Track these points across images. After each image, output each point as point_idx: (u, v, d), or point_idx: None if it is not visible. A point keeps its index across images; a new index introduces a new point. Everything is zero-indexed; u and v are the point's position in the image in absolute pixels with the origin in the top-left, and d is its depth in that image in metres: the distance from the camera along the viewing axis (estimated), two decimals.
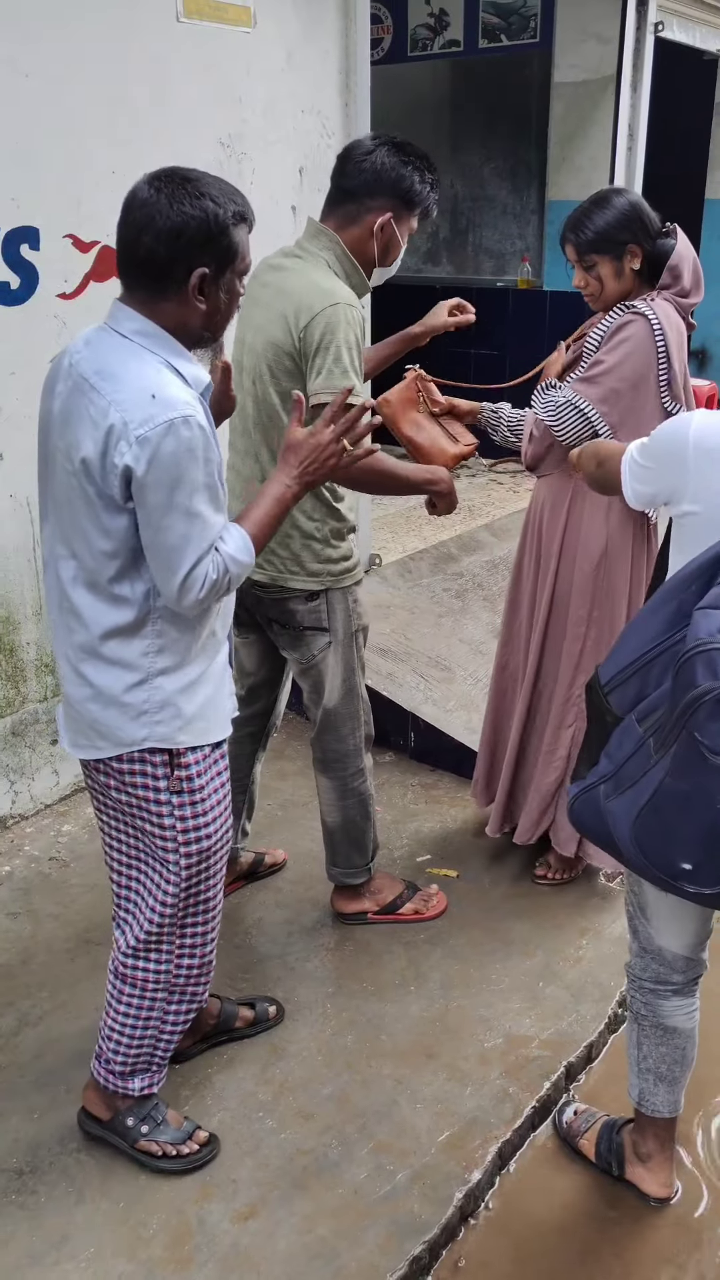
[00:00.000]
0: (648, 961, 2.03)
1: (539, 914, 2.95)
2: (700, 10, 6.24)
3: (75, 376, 1.77)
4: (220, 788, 2.02)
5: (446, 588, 4.65)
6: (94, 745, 1.93)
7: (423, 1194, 2.11)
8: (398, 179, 2.39)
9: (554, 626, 2.90)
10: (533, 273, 6.65)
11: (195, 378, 1.81)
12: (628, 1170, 2.19)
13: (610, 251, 2.60)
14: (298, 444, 1.95)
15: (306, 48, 3.75)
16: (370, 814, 2.80)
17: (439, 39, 6.51)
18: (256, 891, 3.05)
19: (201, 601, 1.81)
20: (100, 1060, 2.15)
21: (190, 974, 2.11)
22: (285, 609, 2.54)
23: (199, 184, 1.74)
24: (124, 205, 1.76)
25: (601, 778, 1.67)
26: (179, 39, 3.29)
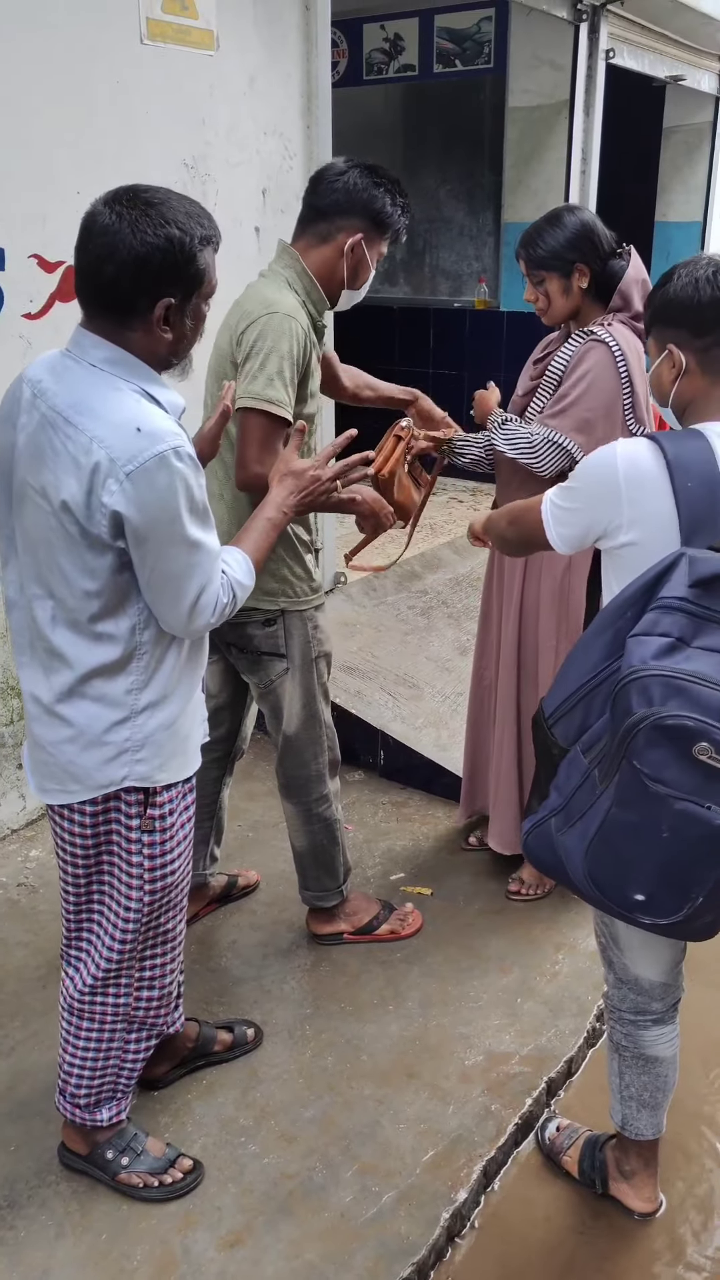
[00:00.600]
0: (625, 992, 2.02)
1: (514, 930, 2.96)
2: (650, 39, 6.38)
3: (44, 410, 1.70)
4: (186, 822, 1.99)
5: (411, 605, 4.66)
6: (65, 789, 1.87)
7: (409, 1215, 2.10)
8: (369, 200, 2.39)
9: (525, 640, 2.93)
10: (489, 294, 6.73)
11: (171, 403, 1.76)
12: (611, 1187, 2.19)
13: (558, 269, 2.64)
14: (298, 473, 1.95)
15: (269, 71, 3.78)
16: (338, 838, 2.77)
17: (394, 63, 6.58)
18: (231, 914, 3.03)
19: (210, 626, 1.81)
20: (64, 1095, 2.11)
21: (150, 1006, 2.07)
22: (242, 633, 2.50)
23: (162, 208, 1.65)
24: (82, 229, 1.68)
25: (552, 811, 1.66)
26: (143, 61, 3.29)
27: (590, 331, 2.66)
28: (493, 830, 3.12)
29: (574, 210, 2.72)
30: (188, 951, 2.83)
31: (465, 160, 6.92)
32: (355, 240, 2.40)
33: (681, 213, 7.95)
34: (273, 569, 2.45)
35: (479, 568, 4.97)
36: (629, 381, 2.65)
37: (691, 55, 7.00)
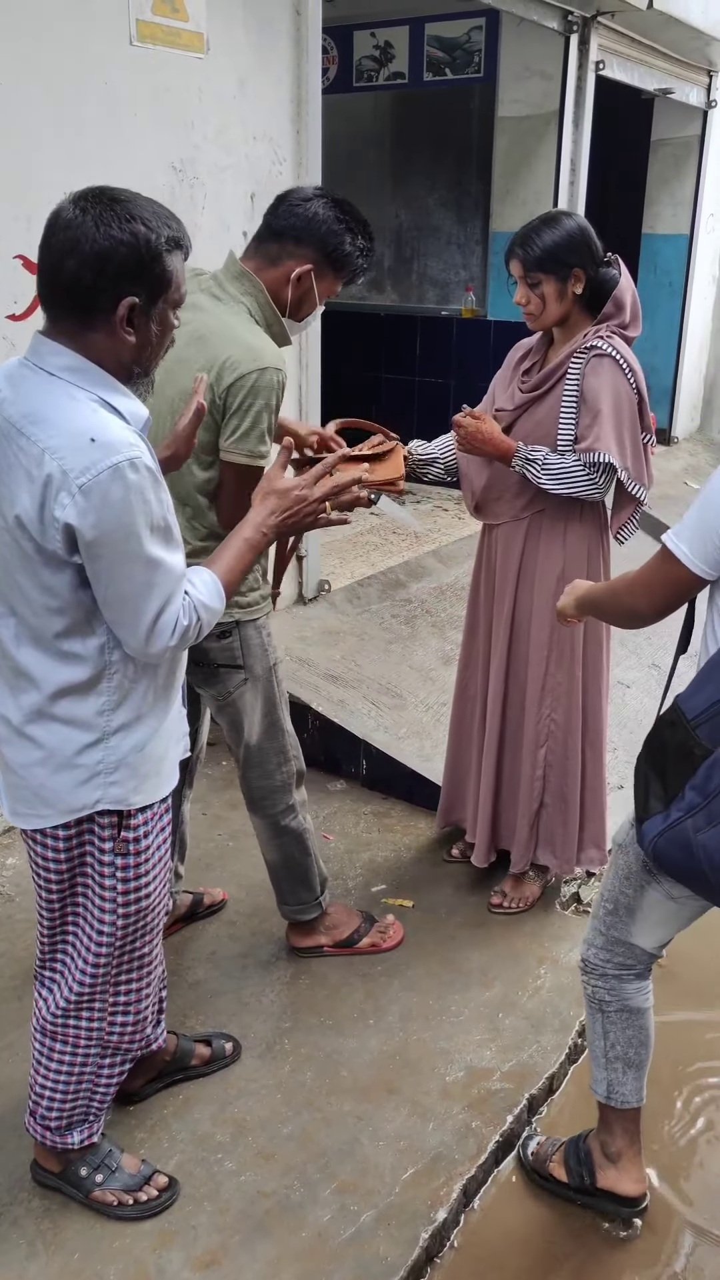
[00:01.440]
0: (615, 952, 2.06)
1: (496, 944, 2.93)
2: (639, 51, 6.40)
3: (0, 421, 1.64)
4: (161, 844, 1.95)
5: (395, 614, 4.64)
6: (37, 813, 1.82)
7: (388, 1234, 2.07)
8: (328, 233, 2.29)
9: (516, 651, 2.91)
10: (477, 302, 6.73)
11: (133, 414, 1.66)
12: (599, 1177, 2.18)
13: (556, 272, 2.62)
14: (282, 491, 1.87)
15: (259, 75, 3.76)
16: (310, 849, 2.72)
17: (384, 71, 6.58)
18: (209, 925, 2.99)
19: (174, 649, 1.71)
20: (35, 1117, 2.07)
21: (124, 1031, 2.03)
22: (198, 646, 2.41)
23: (129, 205, 1.59)
24: (47, 226, 1.60)
25: (690, 811, 1.67)
26: (132, 63, 3.27)
27: (593, 346, 2.64)
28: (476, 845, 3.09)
29: (569, 214, 2.71)
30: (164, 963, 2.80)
31: (454, 169, 6.93)
32: (304, 270, 2.30)
33: (669, 226, 7.98)
34: None
35: (463, 577, 4.95)
36: (638, 392, 2.67)
37: (680, 69, 7.03)
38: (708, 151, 7.80)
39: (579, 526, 2.78)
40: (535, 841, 3.02)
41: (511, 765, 3.01)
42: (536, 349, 2.86)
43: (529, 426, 2.76)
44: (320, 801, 3.63)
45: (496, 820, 3.07)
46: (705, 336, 8.60)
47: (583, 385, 2.65)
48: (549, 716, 2.91)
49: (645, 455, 2.74)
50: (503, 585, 2.88)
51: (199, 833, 3.34)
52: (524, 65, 5.99)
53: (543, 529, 2.80)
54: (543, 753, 2.92)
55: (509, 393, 2.85)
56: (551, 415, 2.72)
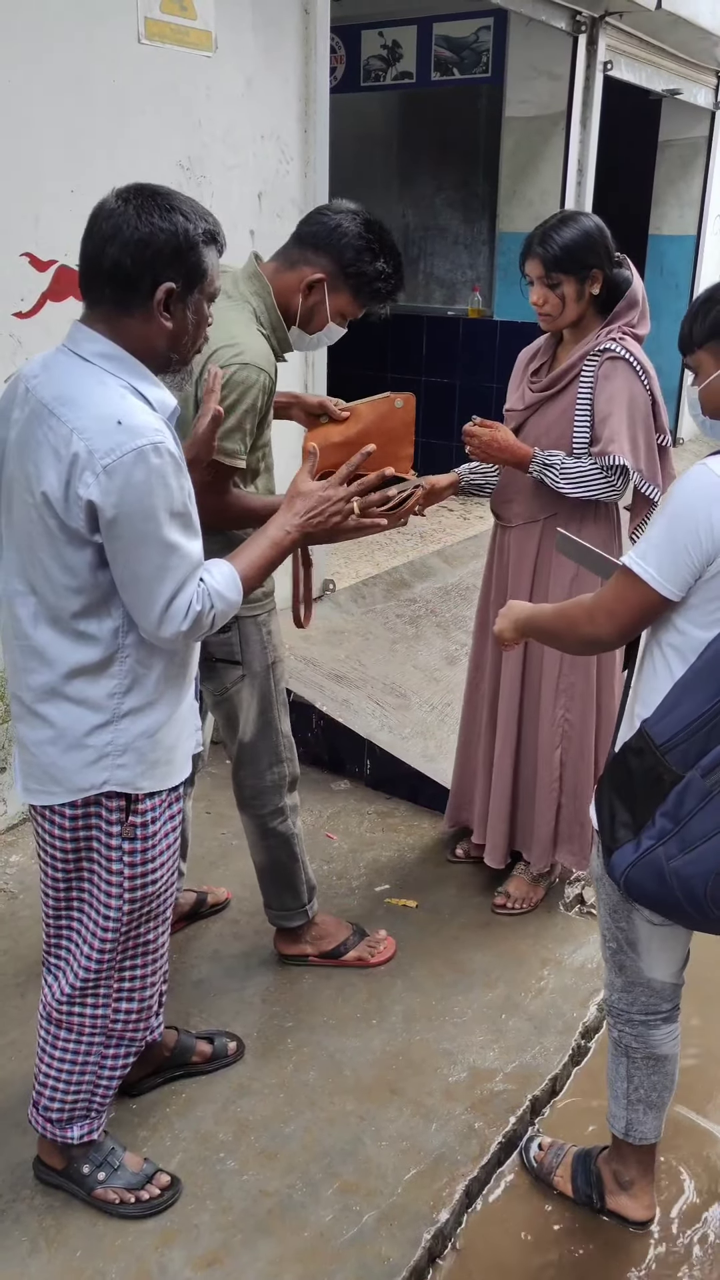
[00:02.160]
0: (636, 995, 2.01)
1: (499, 945, 2.93)
2: (647, 52, 6.40)
3: (33, 402, 1.69)
4: (171, 831, 1.95)
5: (400, 614, 4.64)
6: (47, 790, 1.84)
7: (390, 1235, 2.07)
8: (346, 247, 2.26)
9: (530, 652, 2.91)
10: (483, 302, 6.73)
11: (161, 402, 1.72)
12: (609, 1201, 2.17)
13: (576, 273, 2.61)
14: (307, 493, 1.90)
15: (266, 74, 3.76)
16: (298, 855, 2.69)
17: (391, 70, 6.58)
18: (212, 924, 2.99)
19: (186, 635, 1.73)
20: (37, 1108, 2.07)
21: (129, 1019, 2.03)
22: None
23: (170, 198, 1.69)
24: (90, 217, 1.69)
25: (661, 839, 1.65)
26: (140, 61, 3.27)
27: (607, 349, 2.64)
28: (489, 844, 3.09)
29: (586, 214, 2.70)
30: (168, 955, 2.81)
31: (461, 169, 6.92)
32: (315, 278, 2.27)
33: (675, 226, 7.97)
34: None
35: (468, 577, 4.95)
36: (651, 395, 2.67)
37: (688, 69, 7.03)
38: (715, 152, 7.80)
39: (593, 528, 2.78)
40: (555, 841, 3.01)
41: (527, 766, 3.00)
42: (545, 349, 2.86)
43: (541, 427, 2.76)
44: (324, 801, 3.63)
45: (513, 821, 3.07)
46: None
47: (596, 388, 2.65)
48: (564, 717, 2.91)
49: (662, 456, 2.74)
50: (516, 587, 2.88)
51: (203, 831, 3.34)
52: (532, 65, 5.99)
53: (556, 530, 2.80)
54: (559, 753, 2.92)
55: (519, 393, 2.86)
56: (565, 417, 2.72)
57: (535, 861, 3.04)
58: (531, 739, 2.97)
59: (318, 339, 2.40)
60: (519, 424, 2.81)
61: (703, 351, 1.78)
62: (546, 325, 2.73)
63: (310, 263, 2.29)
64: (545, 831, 2.99)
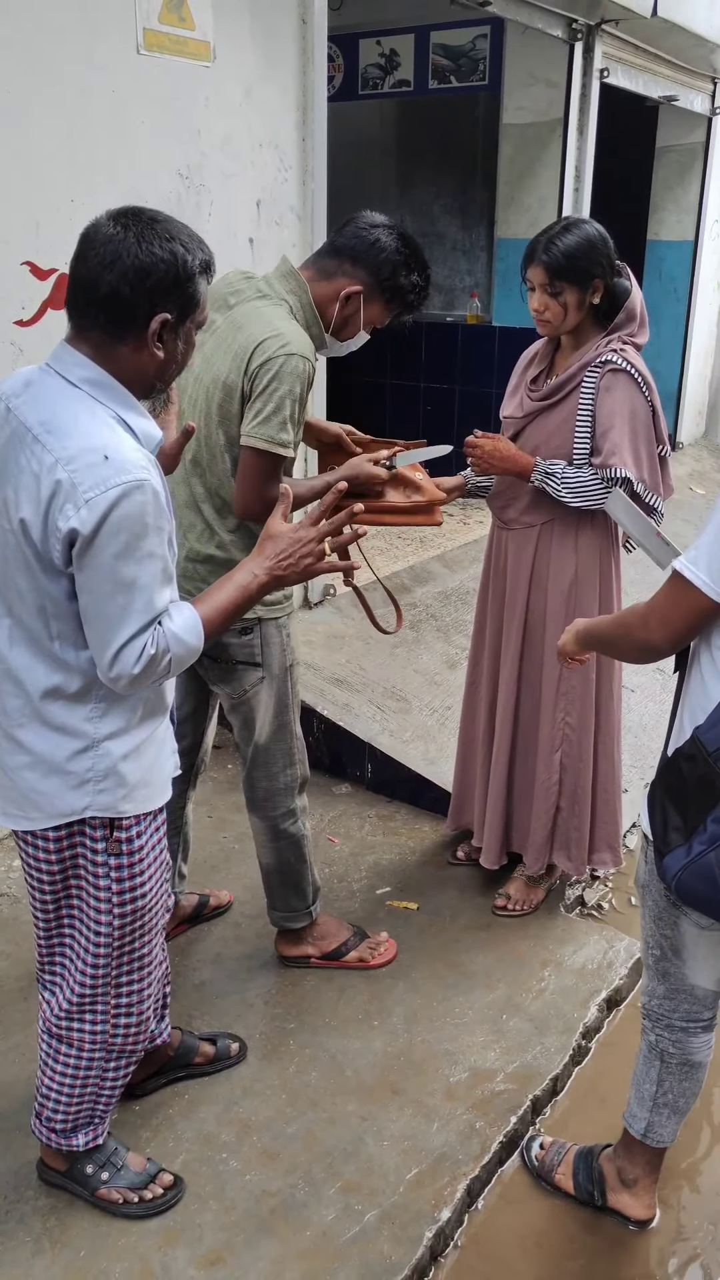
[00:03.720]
0: (679, 1002, 2.02)
1: (500, 946, 2.94)
2: (643, 58, 6.43)
3: (15, 424, 1.66)
4: (158, 844, 1.95)
5: None
6: (27, 816, 1.82)
7: (392, 1234, 2.08)
8: (385, 261, 2.33)
9: (529, 655, 2.92)
10: (482, 309, 6.75)
11: (147, 434, 1.71)
12: (610, 1198, 2.18)
13: (579, 282, 2.62)
14: (278, 535, 1.84)
15: (265, 83, 3.79)
16: (306, 856, 2.72)
17: (389, 78, 6.61)
18: (214, 927, 3.00)
19: (135, 679, 1.67)
20: (40, 1119, 2.08)
21: (128, 1032, 2.03)
22: (218, 643, 2.45)
23: (168, 226, 1.66)
24: (82, 240, 1.66)
25: (712, 844, 1.66)
26: (139, 71, 3.29)
27: (608, 360, 2.66)
28: (485, 845, 3.10)
29: (588, 221, 2.71)
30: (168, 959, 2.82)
31: (459, 176, 6.96)
32: (353, 290, 2.34)
33: (673, 232, 8.00)
34: None
35: (468, 581, 4.97)
36: (652, 406, 2.68)
37: (684, 76, 7.06)
38: (712, 158, 7.82)
39: (590, 532, 2.80)
40: (551, 844, 3.02)
41: (524, 768, 3.02)
42: (543, 356, 2.87)
43: (540, 436, 2.77)
44: (325, 804, 3.65)
45: (509, 823, 3.08)
46: (710, 342, 8.62)
47: (598, 399, 2.66)
48: (563, 720, 2.92)
49: (662, 466, 2.76)
50: (514, 589, 2.90)
51: (204, 835, 3.36)
52: (529, 73, 6.02)
53: (554, 535, 2.82)
54: (558, 756, 2.93)
55: (517, 400, 2.86)
56: (564, 426, 2.73)
57: (531, 863, 3.05)
58: (530, 741, 2.98)
59: (346, 345, 2.47)
60: (517, 431, 2.83)
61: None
62: (545, 331, 2.74)
63: (348, 275, 2.35)
64: (542, 834, 3.00)
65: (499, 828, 3.06)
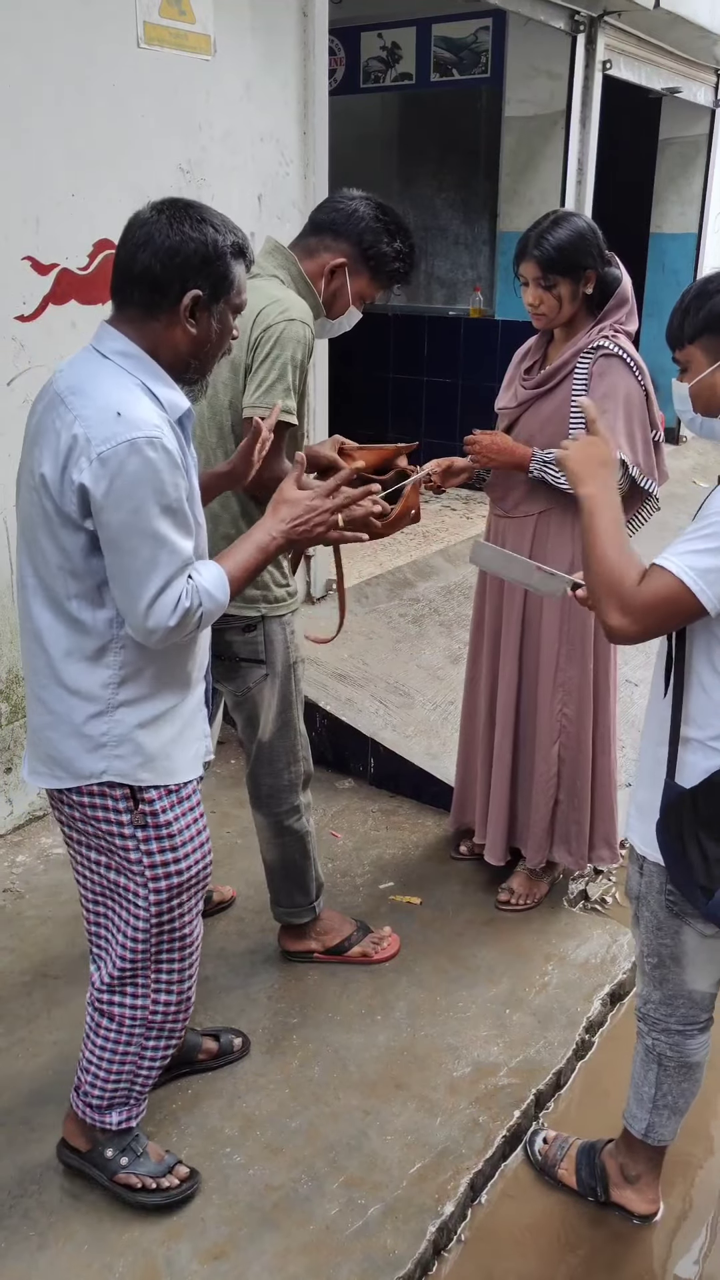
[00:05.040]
0: (676, 1006, 2.01)
1: (503, 941, 2.94)
2: (646, 50, 6.40)
3: (50, 393, 1.75)
4: (195, 821, 1.96)
5: (403, 613, 4.65)
6: (52, 774, 1.88)
7: (395, 1228, 2.08)
8: (365, 230, 2.36)
9: (527, 646, 2.92)
10: (484, 302, 6.74)
11: (172, 403, 1.76)
12: (614, 1193, 2.18)
13: (572, 274, 2.64)
14: (293, 501, 1.91)
15: (265, 77, 3.78)
16: (310, 852, 2.72)
17: (391, 72, 6.60)
18: (217, 921, 3.00)
19: (172, 631, 1.73)
20: (79, 1092, 2.09)
21: (168, 1010, 2.04)
22: (221, 639, 2.45)
23: (202, 210, 1.76)
24: (125, 227, 1.77)
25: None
26: (139, 65, 3.29)
27: (600, 346, 2.67)
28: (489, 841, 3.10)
29: (578, 214, 2.73)
30: None
31: (461, 169, 6.93)
32: (337, 264, 2.36)
33: (676, 224, 7.97)
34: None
35: (471, 576, 4.96)
36: (645, 391, 2.69)
37: (688, 68, 7.03)
38: (715, 150, 7.80)
39: None
40: (551, 838, 3.02)
41: (525, 761, 3.02)
42: (536, 348, 2.89)
43: (535, 423, 2.78)
44: (328, 799, 3.65)
45: (512, 817, 3.08)
46: None
47: (591, 384, 2.67)
48: (561, 712, 2.92)
49: (657, 452, 2.76)
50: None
51: None
52: (531, 65, 6.00)
53: (551, 524, 2.82)
54: (556, 749, 2.93)
55: (511, 391, 2.88)
56: (558, 413, 2.74)
57: (530, 857, 3.05)
58: (530, 734, 2.98)
59: (339, 324, 2.48)
60: (512, 421, 2.84)
61: (694, 346, 1.77)
62: (540, 324, 2.77)
63: (330, 249, 2.37)
64: (541, 828, 3.00)
65: (502, 822, 3.06)
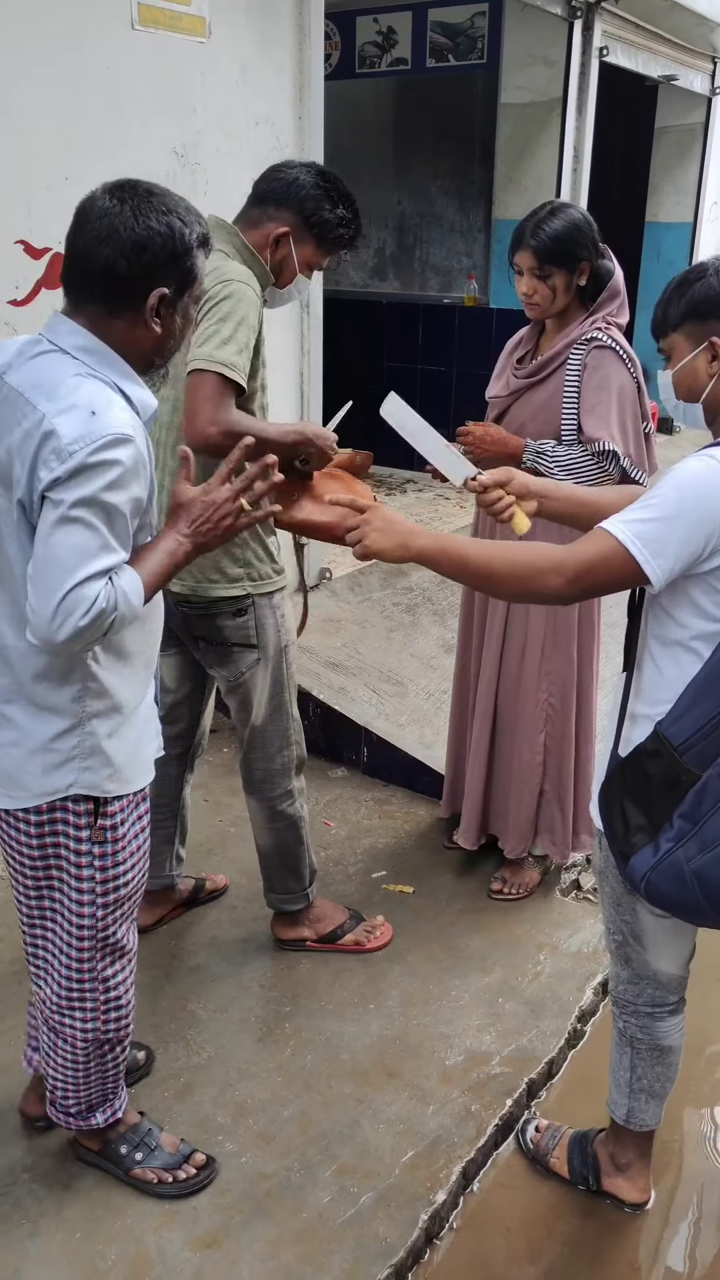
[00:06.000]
0: (643, 987, 2.01)
1: (496, 930, 2.94)
2: (643, 37, 6.38)
3: (7, 390, 1.64)
4: (140, 832, 1.93)
5: (396, 602, 4.64)
6: (9, 794, 1.80)
7: (388, 1216, 2.08)
8: (306, 198, 2.33)
9: (512, 634, 2.92)
10: (479, 290, 6.71)
11: (142, 402, 1.69)
12: (605, 1182, 2.18)
13: (567, 265, 2.65)
14: (189, 502, 1.78)
15: (260, 61, 3.74)
16: (303, 838, 2.71)
17: (387, 57, 6.55)
18: (209, 910, 3.00)
19: (77, 633, 1.59)
20: (54, 1105, 2.08)
21: (119, 1024, 2.01)
22: (212, 624, 2.44)
23: (165, 199, 1.64)
24: (78, 213, 1.65)
25: (679, 841, 1.64)
26: (133, 47, 3.25)
27: (593, 338, 2.68)
28: (463, 825, 3.11)
29: (572, 205, 2.75)
30: (166, 948, 2.82)
31: (456, 156, 6.90)
32: (280, 233, 2.34)
33: (672, 214, 7.95)
34: (234, 552, 2.38)
35: None
36: (637, 383, 2.69)
37: (684, 55, 7.01)
38: (711, 138, 7.78)
39: None
40: (536, 828, 3.02)
41: (506, 749, 3.02)
42: (528, 338, 2.89)
43: (526, 413, 2.78)
44: (321, 788, 3.64)
45: (487, 804, 3.08)
46: None
47: (584, 376, 2.68)
48: (546, 701, 2.92)
49: (647, 443, 2.76)
50: None
51: (200, 818, 3.35)
52: (527, 51, 5.97)
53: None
54: (543, 737, 2.93)
55: (503, 380, 2.88)
56: (550, 403, 2.74)
57: (510, 848, 3.05)
58: (512, 722, 2.98)
59: (289, 293, 2.46)
60: (502, 410, 2.84)
61: (676, 334, 1.77)
62: (534, 314, 2.76)
63: (273, 218, 2.35)
64: (525, 817, 3.00)
65: (477, 806, 3.07)
